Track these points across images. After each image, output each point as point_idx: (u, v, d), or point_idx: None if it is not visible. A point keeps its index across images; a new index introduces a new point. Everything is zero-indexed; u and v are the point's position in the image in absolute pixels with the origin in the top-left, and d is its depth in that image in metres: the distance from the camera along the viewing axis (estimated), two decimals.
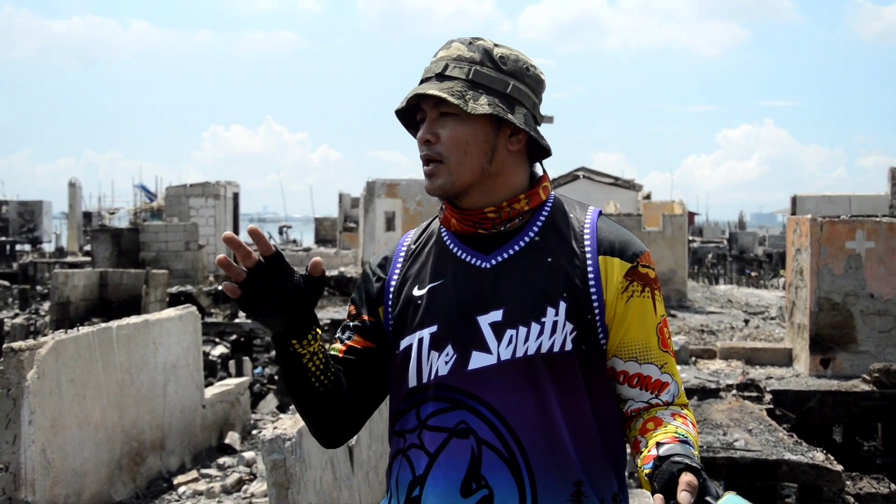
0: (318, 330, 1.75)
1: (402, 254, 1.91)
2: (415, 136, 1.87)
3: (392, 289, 1.87)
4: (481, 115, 1.74)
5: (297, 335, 1.71)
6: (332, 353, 1.87)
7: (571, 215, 1.86)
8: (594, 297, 1.77)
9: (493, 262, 1.79)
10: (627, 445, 1.85)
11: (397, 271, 1.89)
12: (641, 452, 1.71)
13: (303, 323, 1.71)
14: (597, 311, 1.77)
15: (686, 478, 1.52)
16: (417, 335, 1.79)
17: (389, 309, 1.86)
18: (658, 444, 1.65)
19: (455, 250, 1.83)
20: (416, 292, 1.83)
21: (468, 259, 1.81)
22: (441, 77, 1.76)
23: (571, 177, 28.73)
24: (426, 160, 1.79)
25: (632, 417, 1.83)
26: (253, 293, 1.64)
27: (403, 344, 1.81)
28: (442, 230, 1.89)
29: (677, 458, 1.58)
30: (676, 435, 1.68)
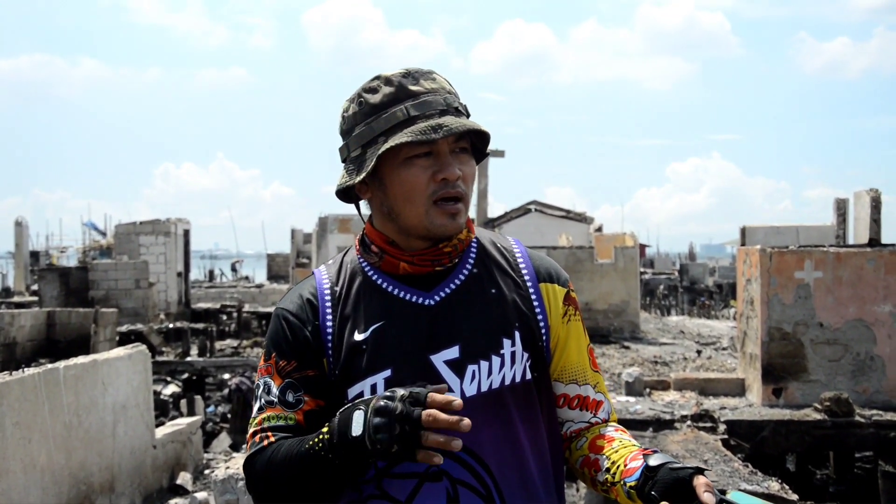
0: None
1: (328, 297, 1.78)
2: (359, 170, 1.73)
3: (330, 336, 1.74)
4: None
5: None
6: (283, 422, 1.70)
7: (499, 245, 1.86)
8: (542, 323, 1.79)
9: (437, 297, 1.74)
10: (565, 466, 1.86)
11: (329, 316, 1.76)
12: (606, 469, 1.70)
13: None
14: (544, 338, 1.79)
15: (703, 479, 1.50)
16: (369, 381, 1.69)
17: (331, 358, 1.73)
18: (645, 456, 1.63)
19: (389, 289, 1.76)
20: (358, 337, 1.72)
21: (407, 297, 1.74)
22: (458, 112, 1.72)
23: (523, 210, 28.91)
24: (456, 197, 1.70)
25: (572, 438, 1.84)
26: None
27: (353, 392, 1.70)
28: (367, 269, 1.80)
29: (677, 465, 1.56)
30: (645, 447, 1.70)
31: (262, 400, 1.74)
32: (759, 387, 9.25)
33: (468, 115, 1.75)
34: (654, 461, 1.59)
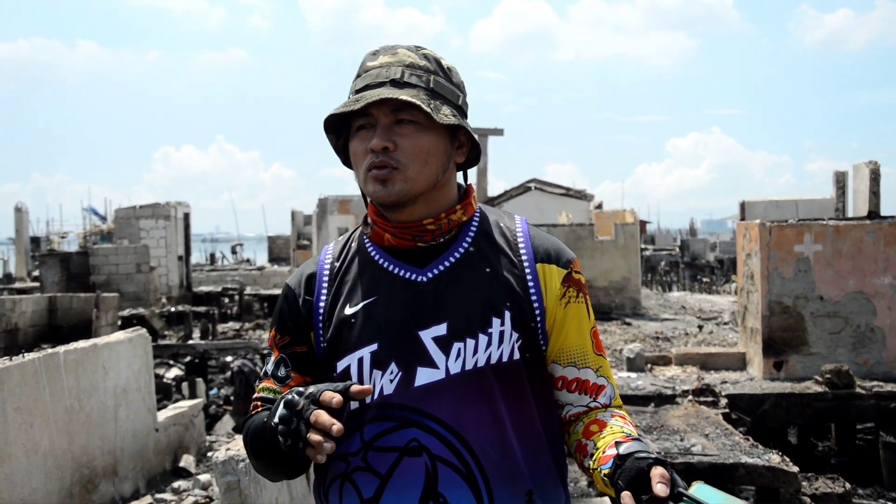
0: None
1: (327, 272, 1.84)
2: (334, 142, 1.84)
3: (322, 310, 1.80)
4: (442, 125, 1.71)
5: None
6: (272, 395, 1.81)
7: (502, 224, 1.85)
8: (535, 304, 1.76)
9: (430, 275, 1.75)
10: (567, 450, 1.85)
11: (324, 291, 1.82)
12: (591, 455, 1.70)
13: None
14: (538, 319, 1.76)
15: (658, 470, 1.52)
16: (356, 355, 1.73)
17: (321, 332, 1.79)
18: (617, 444, 1.64)
19: (386, 265, 1.78)
20: (349, 311, 1.76)
21: (402, 273, 1.76)
22: (398, 84, 1.70)
23: (523, 188, 28.86)
24: (380, 165, 1.70)
25: (571, 422, 1.83)
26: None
27: (341, 365, 1.74)
28: (367, 245, 1.83)
29: (642, 455, 1.58)
30: (629, 434, 1.69)
31: (264, 370, 1.87)
32: (760, 360, 9.27)
33: (426, 87, 1.72)
34: (623, 450, 1.61)
